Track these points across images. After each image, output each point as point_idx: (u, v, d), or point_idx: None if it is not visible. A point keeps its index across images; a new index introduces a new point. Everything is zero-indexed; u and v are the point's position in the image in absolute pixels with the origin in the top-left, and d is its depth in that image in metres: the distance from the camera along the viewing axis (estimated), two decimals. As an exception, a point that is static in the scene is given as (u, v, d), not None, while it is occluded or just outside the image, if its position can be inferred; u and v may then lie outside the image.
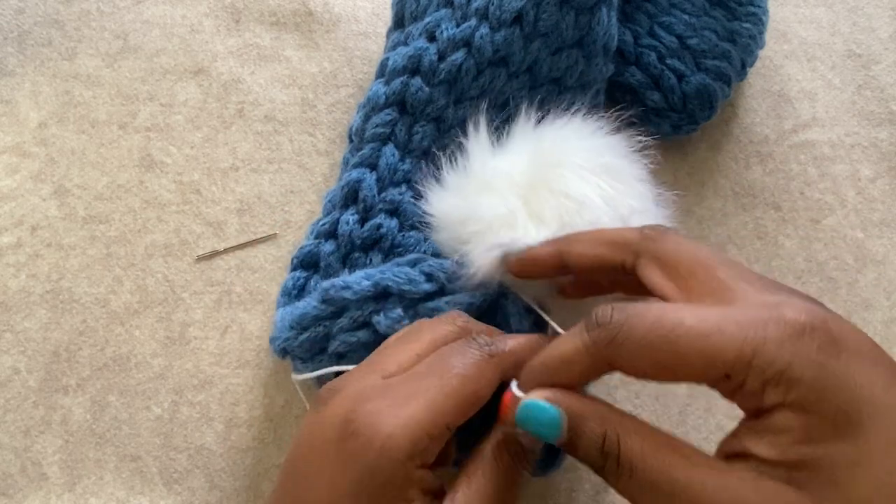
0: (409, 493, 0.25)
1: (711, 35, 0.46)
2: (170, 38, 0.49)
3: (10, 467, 0.39)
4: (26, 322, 0.42)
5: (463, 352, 0.28)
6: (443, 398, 0.26)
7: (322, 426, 0.27)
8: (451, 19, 0.40)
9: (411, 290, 0.34)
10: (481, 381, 0.27)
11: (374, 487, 0.25)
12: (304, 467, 0.27)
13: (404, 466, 0.25)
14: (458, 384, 0.26)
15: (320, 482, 0.26)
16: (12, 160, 0.45)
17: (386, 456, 0.25)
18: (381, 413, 0.26)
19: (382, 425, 0.25)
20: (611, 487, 0.24)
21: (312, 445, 0.27)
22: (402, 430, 0.25)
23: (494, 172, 0.34)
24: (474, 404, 0.27)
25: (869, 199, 0.49)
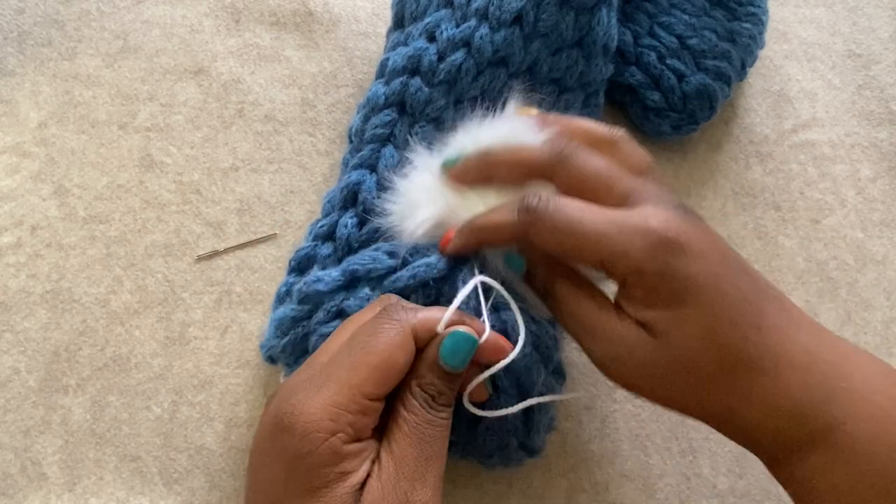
0: (344, 466, 0.27)
1: (711, 35, 0.46)
2: (170, 38, 0.49)
3: (10, 467, 0.39)
4: (26, 322, 0.42)
5: (372, 326, 0.30)
6: (354, 372, 0.28)
7: (261, 429, 0.29)
8: (451, 19, 0.40)
9: (376, 267, 0.35)
10: (391, 348, 0.29)
11: (304, 471, 0.27)
12: (252, 473, 0.30)
13: (330, 444, 0.27)
14: (366, 356, 0.29)
15: (263, 482, 0.29)
16: (12, 160, 0.45)
17: (308, 438, 0.27)
18: (303, 401, 0.28)
19: (303, 412, 0.27)
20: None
21: (255, 450, 0.30)
22: (320, 411, 0.27)
23: (433, 171, 0.36)
24: (390, 371, 0.29)
25: (869, 199, 0.49)
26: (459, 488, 0.40)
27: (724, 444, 0.41)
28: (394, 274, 0.35)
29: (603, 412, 0.42)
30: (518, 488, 0.40)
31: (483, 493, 0.40)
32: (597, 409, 0.42)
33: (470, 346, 0.30)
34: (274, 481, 0.28)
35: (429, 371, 0.30)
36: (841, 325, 0.45)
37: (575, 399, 0.42)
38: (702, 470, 0.41)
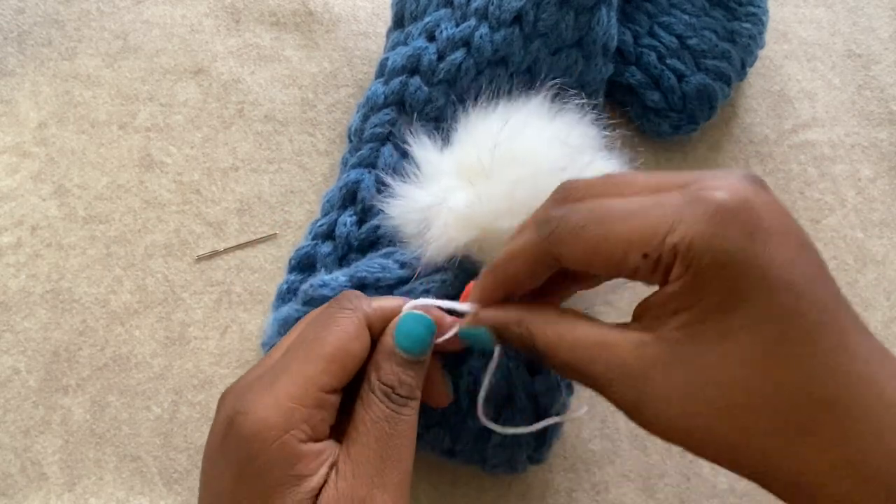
0: (298, 469, 0.25)
1: (711, 35, 0.46)
2: (170, 38, 0.49)
3: (10, 467, 0.39)
4: (26, 322, 0.42)
5: (325, 317, 0.28)
6: (308, 366, 0.26)
7: (212, 434, 0.27)
8: (451, 19, 0.40)
9: (385, 276, 0.35)
10: (345, 338, 0.27)
11: (254, 475, 0.25)
12: (203, 482, 0.27)
13: (283, 443, 0.25)
14: (320, 347, 0.26)
15: (213, 490, 0.26)
16: (12, 160, 0.45)
17: (259, 438, 0.25)
18: (254, 399, 0.25)
19: (253, 411, 0.25)
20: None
21: (206, 457, 0.27)
22: (271, 408, 0.25)
23: (435, 168, 0.35)
24: (346, 362, 0.26)
25: (869, 199, 0.49)
26: (459, 488, 0.40)
27: (724, 444, 0.41)
28: (404, 285, 0.34)
29: (603, 412, 0.42)
30: (518, 488, 0.40)
31: (483, 494, 0.40)
32: (597, 409, 0.42)
33: (425, 328, 0.28)
34: (223, 490, 0.25)
35: (386, 360, 0.27)
36: (841, 325, 0.45)
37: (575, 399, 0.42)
38: (702, 470, 0.41)
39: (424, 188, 0.35)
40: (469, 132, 0.35)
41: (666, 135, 0.47)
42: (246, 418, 0.25)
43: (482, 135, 0.34)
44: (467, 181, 0.34)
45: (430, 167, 0.35)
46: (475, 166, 0.33)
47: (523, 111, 0.35)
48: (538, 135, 0.33)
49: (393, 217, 0.36)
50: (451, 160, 0.35)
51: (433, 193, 0.34)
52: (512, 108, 0.35)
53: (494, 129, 0.34)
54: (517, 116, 0.34)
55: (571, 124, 0.34)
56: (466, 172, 0.34)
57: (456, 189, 0.34)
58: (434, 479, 0.40)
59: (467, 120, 0.36)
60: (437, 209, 0.33)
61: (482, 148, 0.33)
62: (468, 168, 0.34)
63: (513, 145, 0.33)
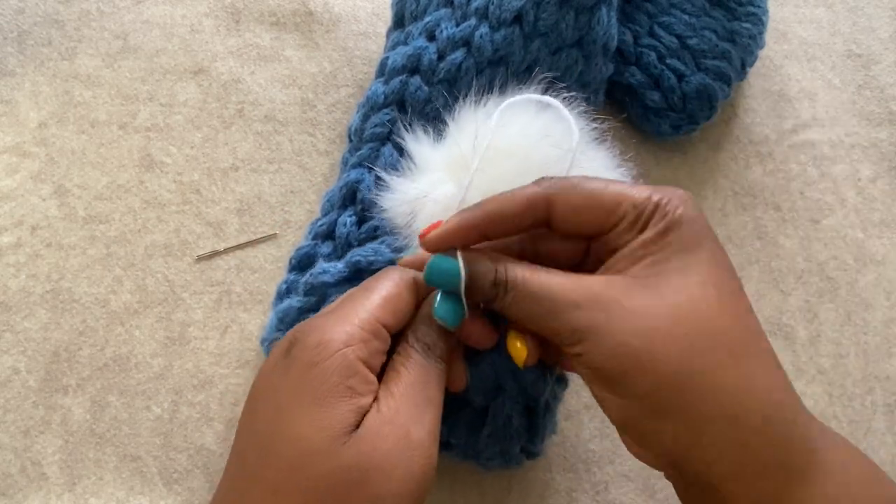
0: (352, 382, 0.27)
1: (711, 35, 0.46)
2: (170, 38, 0.49)
3: (10, 467, 0.39)
4: (26, 322, 0.42)
5: (382, 274, 0.31)
6: (367, 300, 0.29)
7: (271, 356, 0.29)
8: (451, 19, 0.40)
9: (378, 259, 0.36)
10: (400, 287, 0.30)
11: (314, 378, 0.27)
12: (256, 390, 0.29)
13: (343, 354, 0.27)
14: (378, 289, 0.30)
15: (269, 393, 0.28)
16: (12, 160, 0.45)
17: (322, 347, 0.27)
18: (319, 324, 0.28)
19: (318, 329, 0.28)
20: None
21: (262, 373, 0.29)
22: (335, 325, 0.28)
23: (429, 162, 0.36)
24: (399, 304, 0.30)
25: (869, 199, 0.49)
26: (459, 488, 0.40)
27: (724, 444, 0.41)
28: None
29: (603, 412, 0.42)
30: (518, 488, 0.40)
31: (483, 494, 0.40)
32: (597, 408, 0.42)
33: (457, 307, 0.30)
34: (280, 390, 0.28)
35: (423, 323, 0.31)
36: (841, 325, 0.45)
37: (575, 399, 0.42)
38: (702, 470, 0.41)
39: (412, 179, 0.36)
40: (458, 126, 0.36)
41: (666, 135, 0.47)
42: (309, 335, 0.28)
43: (469, 128, 0.35)
44: (455, 174, 0.34)
45: (423, 161, 0.36)
46: (461, 159, 0.34)
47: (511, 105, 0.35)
48: (523, 129, 0.34)
49: (385, 209, 0.36)
50: (441, 154, 0.36)
51: (420, 186, 0.35)
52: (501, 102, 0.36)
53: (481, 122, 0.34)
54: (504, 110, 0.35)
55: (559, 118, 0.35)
56: (454, 165, 0.35)
57: (444, 182, 0.34)
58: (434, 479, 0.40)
59: (457, 115, 0.36)
60: (422, 201, 0.34)
61: (466, 141, 0.34)
62: (455, 161, 0.35)
63: (498, 139, 0.34)
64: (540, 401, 0.35)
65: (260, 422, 0.28)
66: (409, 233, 0.34)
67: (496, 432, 0.35)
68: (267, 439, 0.27)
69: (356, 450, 0.26)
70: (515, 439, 0.36)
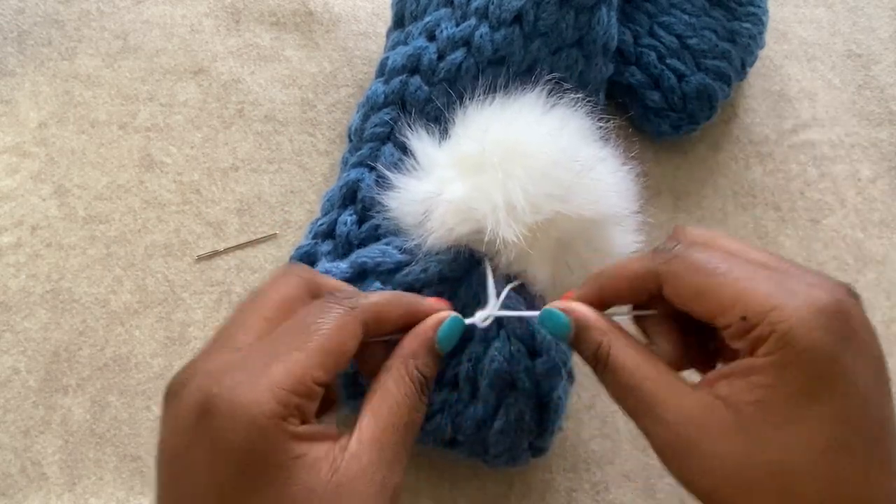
0: (296, 450, 0.24)
1: (711, 35, 0.46)
2: (170, 38, 0.49)
3: (10, 467, 0.39)
4: (26, 322, 0.42)
5: (323, 309, 0.27)
6: (305, 356, 0.25)
7: (180, 420, 0.25)
8: (451, 18, 0.40)
9: (385, 261, 0.35)
10: (344, 335, 0.27)
11: (255, 460, 0.24)
12: (173, 469, 0.25)
13: (280, 428, 0.24)
14: (319, 340, 0.26)
15: (196, 477, 0.24)
16: (12, 160, 0.45)
17: (256, 425, 0.23)
18: (241, 385, 0.24)
19: (244, 397, 0.24)
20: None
21: (176, 445, 0.25)
22: (266, 394, 0.24)
23: (432, 161, 0.35)
24: (340, 358, 0.26)
25: (869, 199, 0.49)
26: (459, 488, 0.40)
27: (724, 444, 0.41)
28: (405, 268, 0.35)
29: (603, 412, 0.42)
30: (518, 488, 0.40)
31: (483, 493, 0.40)
32: (597, 409, 0.42)
33: (460, 329, 0.30)
34: (213, 474, 0.24)
35: (427, 353, 0.28)
36: (841, 324, 0.45)
37: (575, 399, 0.42)
38: (702, 470, 0.41)
39: (419, 179, 0.35)
40: (465, 126, 0.36)
41: (666, 135, 0.47)
42: (238, 406, 0.24)
43: (477, 128, 0.35)
44: (463, 173, 0.34)
45: (427, 160, 0.36)
46: (470, 158, 0.34)
47: (518, 105, 0.35)
48: (532, 128, 0.34)
49: (391, 209, 0.36)
50: (447, 153, 0.36)
51: (430, 184, 0.35)
52: (508, 102, 0.36)
53: (489, 122, 0.34)
54: (512, 110, 0.35)
55: (565, 117, 0.35)
56: (462, 164, 0.35)
57: (453, 180, 0.34)
58: (434, 479, 0.40)
59: (464, 114, 0.36)
60: (434, 200, 0.34)
61: (474, 141, 0.34)
62: (464, 160, 0.35)
63: (506, 138, 0.34)
64: (553, 396, 0.35)
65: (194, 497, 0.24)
66: (422, 233, 0.34)
67: (507, 429, 0.35)
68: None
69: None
70: (525, 436, 0.36)
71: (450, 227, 0.33)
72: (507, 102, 0.36)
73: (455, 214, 0.33)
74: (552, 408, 0.35)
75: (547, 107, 0.35)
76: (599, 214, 0.34)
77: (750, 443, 0.23)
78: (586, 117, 0.35)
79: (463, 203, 0.33)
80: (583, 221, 0.33)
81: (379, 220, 0.39)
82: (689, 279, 0.26)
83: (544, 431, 0.36)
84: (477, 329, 0.34)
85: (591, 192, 0.33)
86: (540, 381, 0.35)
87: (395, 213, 0.36)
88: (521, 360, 0.34)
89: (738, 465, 0.23)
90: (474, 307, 0.34)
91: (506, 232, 0.32)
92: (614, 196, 0.34)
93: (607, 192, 0.34)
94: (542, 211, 0.32)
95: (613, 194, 0.34)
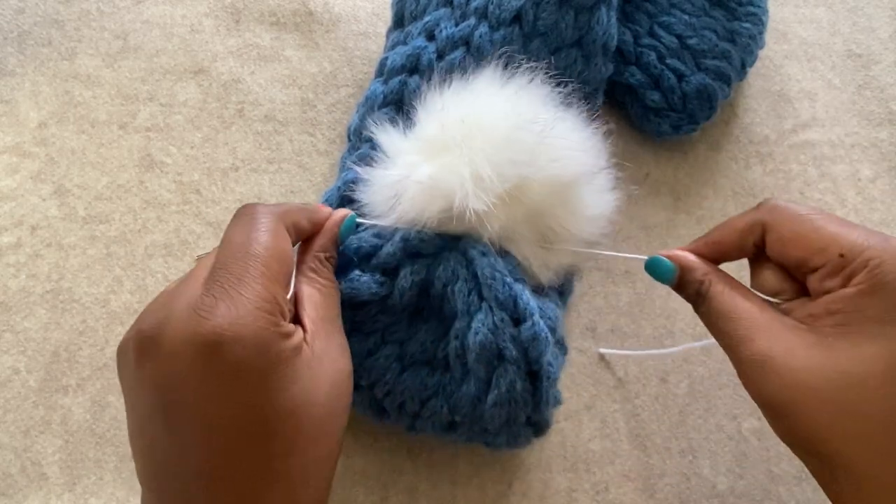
0: (289, 344, 0.27)
1: (711, 35, 0.46)
2: (170, 38, 0.49)
3: (10, 467, 0.39)
4: (26, 322, 0.42)
5: (249, 224, 0.29)
6: (266, 268, 0.28)
7: (177, 362, 0.25)
8: (451, 18, 0.40)
9: (362, 246, 0.36)
10: (280, 243, 0.29)
11: (268, 366, 0.26)
12: (185, 415, 0.25)
13: (277, 334, 0.26)
14: (267, 260, 0.28)
15: (219, 409, 0.25)
16: (12, 160, 0.45)
17: (262, 339, 0.26)
18: (229, 313, 0.25)
19: (241, 321, 0.25)
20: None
21: (177, 388, 0.25)
22: (255, 313, 0.26)
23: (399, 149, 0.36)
24: (288, 266, 0.30)
25: (869, 199, 0.49)
26: (459, 488, 0.40)
27: (723, 444, 0.41)
28: (380, 251, 0.36)
29: (603, 412, 0.42)
30: (518, 488, 0.40)
31: (483, 494, 0.40)
32: (597, 408, 0.42)
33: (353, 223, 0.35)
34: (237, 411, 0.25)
35: (332, 244, 0.34)
36: (841, 324, 0.45)
37: (575, 399, 0.42)
38: (702, 470, 0.41)
39: (387, 167, 0.36)
40: (425, 110, 0.36)
41: (666, 135, 0.47)
42: (237, 328, 0.25)
43: (437, 110, 0.35)
44: (428, 156, 0.35)
45: (393, 149, 0.37)
46: (433, 140, 0.35)
47: (474, 83, 0.36)
48: (490, 103, 0.35)
49: (366, 202, 0.37)
50: (411, 139, 0.36)
51: (398, 171, 0.35)
52: (464, 82, 0.36)
53: (448, 103, 0.35)
54: (469, 88, 0.35)
55: (522, 88, 0.35)
56: (426, 148, 0.35)
57: (419, 164, 0.35)
58: (434, 479, 0.40)
59: (423, 99, 0.37)
60: (403, 184, 0.34)
61: (435, 122, 0.35)
62: (427, 143, 0.35)
63: (466, 114, 0.34)
64: (542, 362, 0.35)
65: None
66: (394, 215, 0.35)
67: (500, 401, 0.34)
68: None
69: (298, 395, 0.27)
70: (521, 406, 0.35)
71: (421, 207, 0.34)
72: (464, 83, 0.36)
73: (424, 193, 0.34)
74: (543, 375, 0.35)
75: (503, 81, 0.36)
76: (567, 173, 0.34)
77: (828, 356, 0.26)
78: (543, 84, 0.36)
79: (431, 181, 0.34)
80: (552, 183, 0.34)
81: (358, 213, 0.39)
82: (792, 225, 0.29)
83: (539, 402, 0.36)
84: (460, 304, 0.34)
85: (554, 151, 0.34)
86: (527, 349, 0.34)
87: (368, 202, 0.36)
88: (505, 330, 0.34)
89: (814, 377, 0.26)
90: (454, 284, 0.35)
91: (475, 203, 0.33)
92: (579, 154, 0.35)
93: (571, 150, 0.35)
94: (508, 177, 0.33)
95: (578, 152, 0.35)
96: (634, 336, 0.43)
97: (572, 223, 0.35)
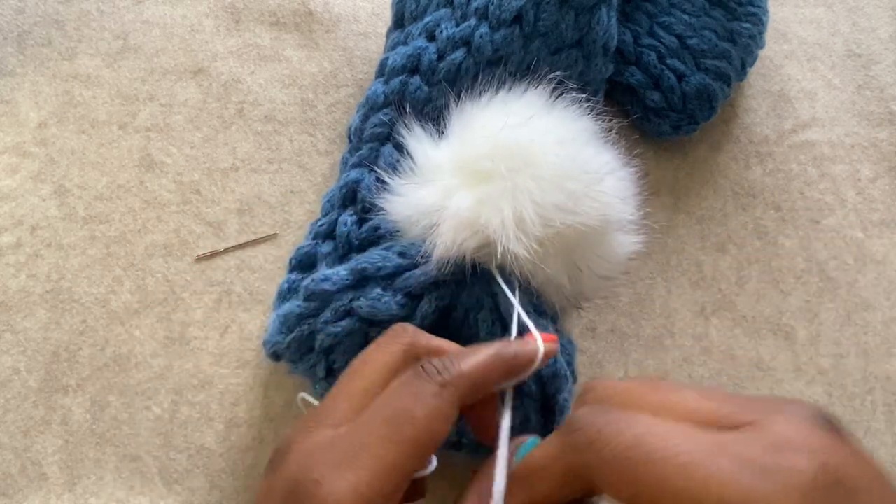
0: None
1: (711, 35, 0.46)
2: (170, 38, 0.49)
3: (10, 467, 0.39)
4: (26, 322, 0.42)
5: (412, 388, 0.25)
6: (394, 453, 0.24)
7: (273, 494, 0.25)
8: (451, 19, 0.40)
9: (385, 265, 0.35)
10: (436, 421, 0.25)
11: None
12: None
13: None
14: (409, 432, 0.24)
15: None
16: (12, 160, 0.45)
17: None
18: (327, 480, 0.23)
19: (329, 493, 0.23)
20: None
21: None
22: (350, 494, 0.23)
23: (433, 163, 0.35)
24: (431, 446, 0.25)
25: (869, 199, 0.49)
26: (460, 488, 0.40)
27: (724, 444, 0.41)
28: (405, 272, 0.35)
29: (603, 412, 0.42)
30: (518, 488, 0.40)
31: (483, 493, 0.40)
32: (597, 408, 0.42)
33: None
34: None
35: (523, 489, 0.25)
36: (841, 325, 0.45)
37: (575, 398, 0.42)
38: (702, 470, 0.41)
39: (423, 186, 0.35)
40: (465, 126, 0.35)
41: (666, 135, 0.47)
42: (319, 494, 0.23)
43: (479, 131, 0.34)
44: (467, 180, 0.34)
45: (426, 161, 0.36)
46: (475, 165, 0.34)
47: (519, 104, 0.35)
48: (539, 135, 0.33)
49: (395, 216, 0.36)
50: (448, 155, 0.35)
51: (434, 193, 0.34)
52: (508, 101, 0.35)
53: (492, 126, 0.34)
54: (512, 110, 0.34)
55: (570, 119, 0.35)
56: (466, 171, 0.34)
57: (457, 188, 0.34)
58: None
59: (462, 113, 0.36)
60: (441, 212, 0.33)
61: (481, 146, 0.34)
62: (467, 166, 0.34)
63: (513, 145, 0.33)
64: (559, 398, 0.35)
65: None
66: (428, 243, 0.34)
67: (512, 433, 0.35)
68: None
69: None
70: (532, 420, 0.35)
71: (457, 241, 0.33)
72: (507, 101, 0.35)
73: (464, 228, 0.33)
74: (557, 410, 0.35)
75: (548, 106, 0.35)
76: (606, 223, 0.33)
77: None
78: (588, 117, 0.35)
79: (472, 216, 0.32)
80: (590, 230, 0.33)
81: (378, 221, 0.39)
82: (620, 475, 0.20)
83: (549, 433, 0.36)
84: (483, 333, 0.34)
85: (599, 202, 0.33)
86: (546, 384, 0.34)
87: (400, 222, 0.36)
88: None
89: None
90: (477, 312, 0.34)
91: (516, 247, 0.32)
92: (620, 203, 0.34)
93: (614, 200, 0.33)
94: (551, 223, 0.32)
95: (619, 202, 0.34)
96: (634, 336, 0.43)
97: (599, 265, 0.35)
